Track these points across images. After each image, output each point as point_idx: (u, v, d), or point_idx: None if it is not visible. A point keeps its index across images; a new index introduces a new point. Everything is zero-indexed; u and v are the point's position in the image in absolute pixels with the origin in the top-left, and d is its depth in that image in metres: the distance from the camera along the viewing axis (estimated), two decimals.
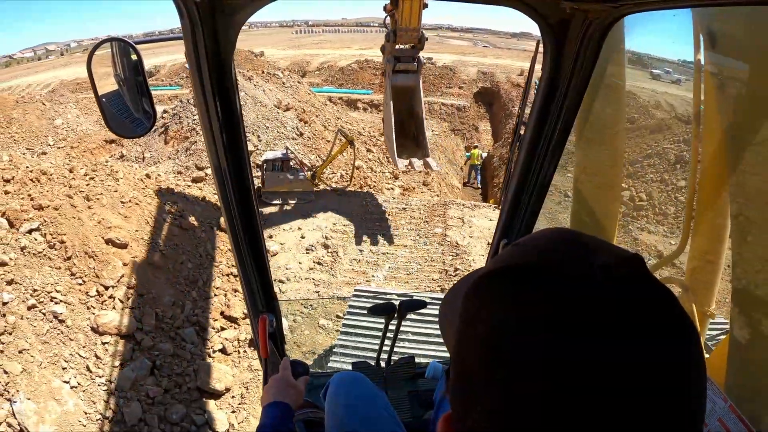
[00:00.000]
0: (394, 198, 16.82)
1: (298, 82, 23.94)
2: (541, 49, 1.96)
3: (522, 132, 2.28)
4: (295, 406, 1.86)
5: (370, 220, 15.03)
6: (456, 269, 12.23)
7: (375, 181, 18.00)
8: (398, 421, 2.07)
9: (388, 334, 3.17)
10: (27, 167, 10.54)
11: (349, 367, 3.41)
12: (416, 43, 13.90)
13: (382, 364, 3.36)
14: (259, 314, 2.51)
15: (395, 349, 3.42)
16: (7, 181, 9.90)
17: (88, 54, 1.84)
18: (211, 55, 1.60)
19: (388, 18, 13.84)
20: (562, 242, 0.64)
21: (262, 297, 2.53)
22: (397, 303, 2.97)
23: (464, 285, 0.79)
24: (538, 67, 2.13)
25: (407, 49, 14.00)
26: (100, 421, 7.22)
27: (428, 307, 3.63)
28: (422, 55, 14.63)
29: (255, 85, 20.43)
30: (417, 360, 3.45)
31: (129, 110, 2.01)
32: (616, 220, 4.26)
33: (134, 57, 1.85)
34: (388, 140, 14.41)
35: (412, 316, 7.87)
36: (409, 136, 14.49)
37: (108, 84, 2.07)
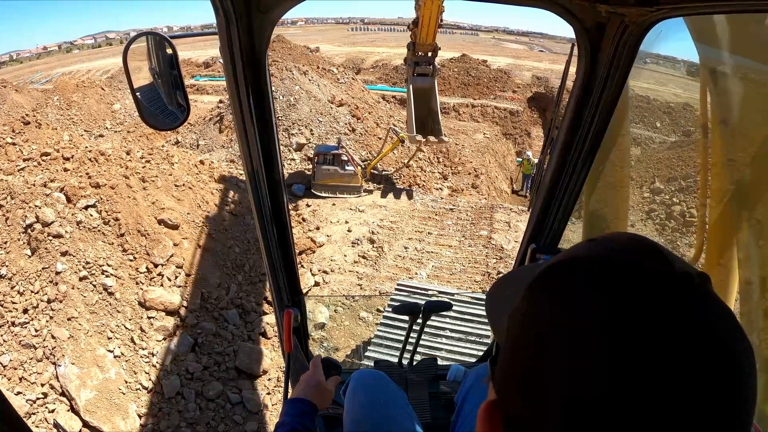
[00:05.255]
0: (442, 198, 16.77)
1: (353, 79, 24.03)
2: (575, 52, 1.93)
3: (554, 136, 2.24)
4: (321, 405, 1.82)
5: (417, 219, 15.00)
6: (499, 272, 12.08)
7: (424, 181, 17.96)
8: (417, 422, 2.05)
9: (412, 335, 3.15)
10: (86, 147, 10.95)
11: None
12: (432, 52, 16.74)
13: (404, 364, 3.34)
14: (284, 308, 2.51)
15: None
16: (67, 159, 10.32)
17: (124, 47, 1.85)
18: (246, 52, 1.62)
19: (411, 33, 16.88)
20: (640, 245, 0.64)
21: (288, 292, 2.54)
22: (422, 304, 2.96)
23: (517, 275, 0.81)
24: (572, 69, 2.09)
25: (424, 56, 16.87)
26: (139, 391, 7.45)
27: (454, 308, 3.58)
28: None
29: (310, 80, 20.61)
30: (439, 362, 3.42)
31: (163, 103, 2.02)
32: (626, 222, 4.20)
33: (169, 51, 1.86)
34: (409, 128, 16.72)
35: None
36: (427, 131, 16.33)
37: (143, 77, 2.08)
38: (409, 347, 3.35)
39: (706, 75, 2.77)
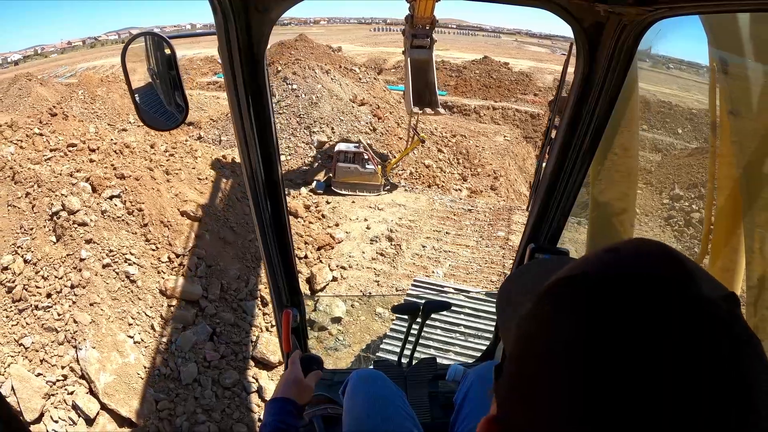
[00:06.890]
0: (461, 198, 16.76)
1: (374, 79, 24.10)
2: (573, 51, 1.93)
3: (552, 136, 2.23)
4: (301, 400, 1.84)
5: (435, 218, 15.02)
6: None
7: (443, 181, 17.97)
8: (416, 422, 2.06)
9: (411, 334, 3.16)
10: (111, 139, 11.13)
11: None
12: (429, 24, 16.93)
13: (404, 363, 3.34)
14: (283, 308, 2.51)
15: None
16: (93, 150, 10.50)
17: (123, 48, 1.86)
18: (244, 51, 1.63)
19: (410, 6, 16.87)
20: (664, 260, 0.61)
21: (287, 291, 2.55)
22: (421, 304, 2.96)
23: (524, 278, 0.82)
24: (571, 69, 2.09)
25: (422, 29, 17.06)
26: (157, 377, 7.57)
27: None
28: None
29: (332, 79, 20.74)
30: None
31: (162, 103, 2.04)
32: (632, 227, 4.15)
33: (168, 51, 1.88)
34: (407, 101, 17.08)
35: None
36: (424, 103, 16.65)
37: (142, 78, 2.10)
38: (409, 346, 3.34)
39: (715, 69, 2.77)
